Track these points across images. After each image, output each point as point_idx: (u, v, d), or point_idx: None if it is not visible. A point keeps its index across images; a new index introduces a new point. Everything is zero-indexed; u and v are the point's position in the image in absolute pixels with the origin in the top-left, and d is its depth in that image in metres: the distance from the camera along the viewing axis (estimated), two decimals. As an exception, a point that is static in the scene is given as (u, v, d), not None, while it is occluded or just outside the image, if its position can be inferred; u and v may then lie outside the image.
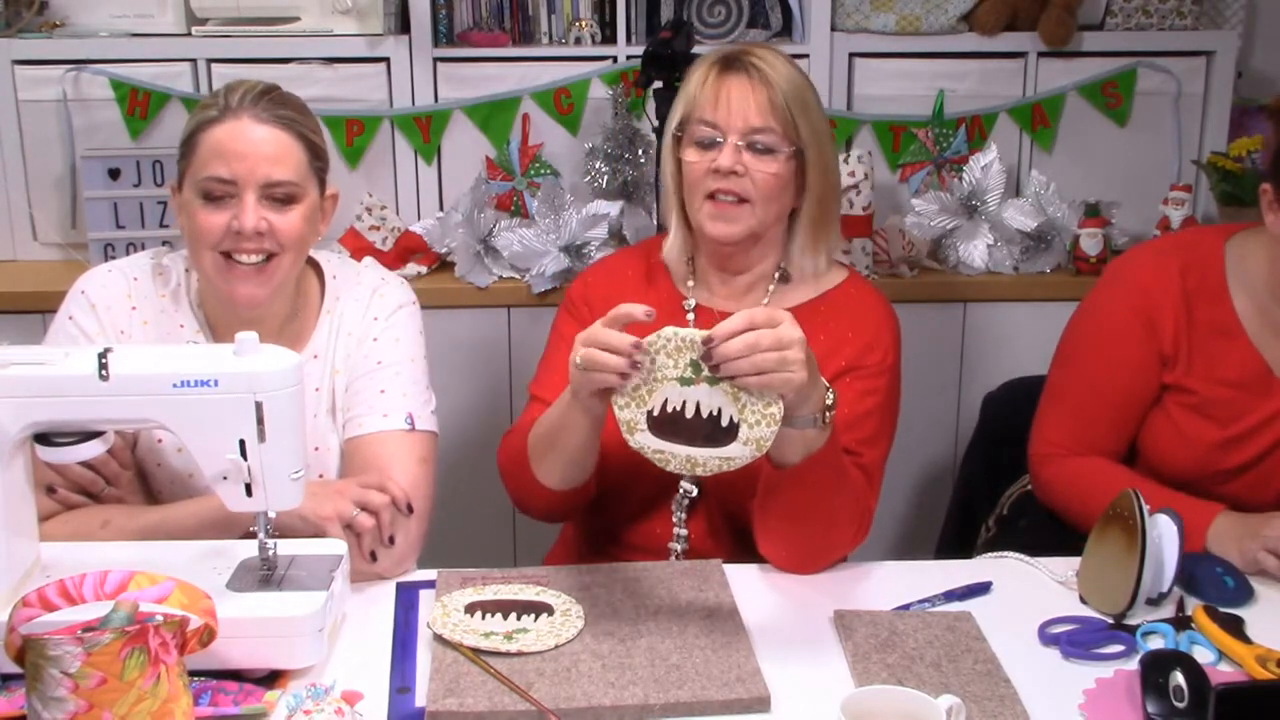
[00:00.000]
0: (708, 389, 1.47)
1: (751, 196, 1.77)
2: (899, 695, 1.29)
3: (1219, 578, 1.66)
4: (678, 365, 1.47)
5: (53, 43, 2.74)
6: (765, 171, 1.77)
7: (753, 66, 1.78)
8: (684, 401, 1.48)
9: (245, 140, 1.67)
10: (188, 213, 1.71)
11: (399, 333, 1.83)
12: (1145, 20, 2.89)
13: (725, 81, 1.78)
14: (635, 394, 1.49)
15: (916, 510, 2.89)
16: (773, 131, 1.76)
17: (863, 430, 1.79)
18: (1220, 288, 1.87)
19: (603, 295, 1.89)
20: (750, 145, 1.76)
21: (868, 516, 1.75)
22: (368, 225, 2.76)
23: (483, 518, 2.66)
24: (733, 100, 1.77)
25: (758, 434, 1.48)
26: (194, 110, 1.75)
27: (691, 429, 1.48)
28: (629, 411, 1.50)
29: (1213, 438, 1.87)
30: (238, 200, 1.67)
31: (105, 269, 1.81)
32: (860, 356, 1.81)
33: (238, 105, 1.68)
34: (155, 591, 1.28)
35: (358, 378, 1.80)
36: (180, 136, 1.73)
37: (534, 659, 1.46)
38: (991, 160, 2.80)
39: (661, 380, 1.48)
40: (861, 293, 1.89)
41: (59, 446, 1.43)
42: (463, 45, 2.84)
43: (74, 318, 1.76)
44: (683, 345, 1.47)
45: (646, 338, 1.48)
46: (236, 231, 1.67)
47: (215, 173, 1.67)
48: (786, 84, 1.78)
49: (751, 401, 1.47)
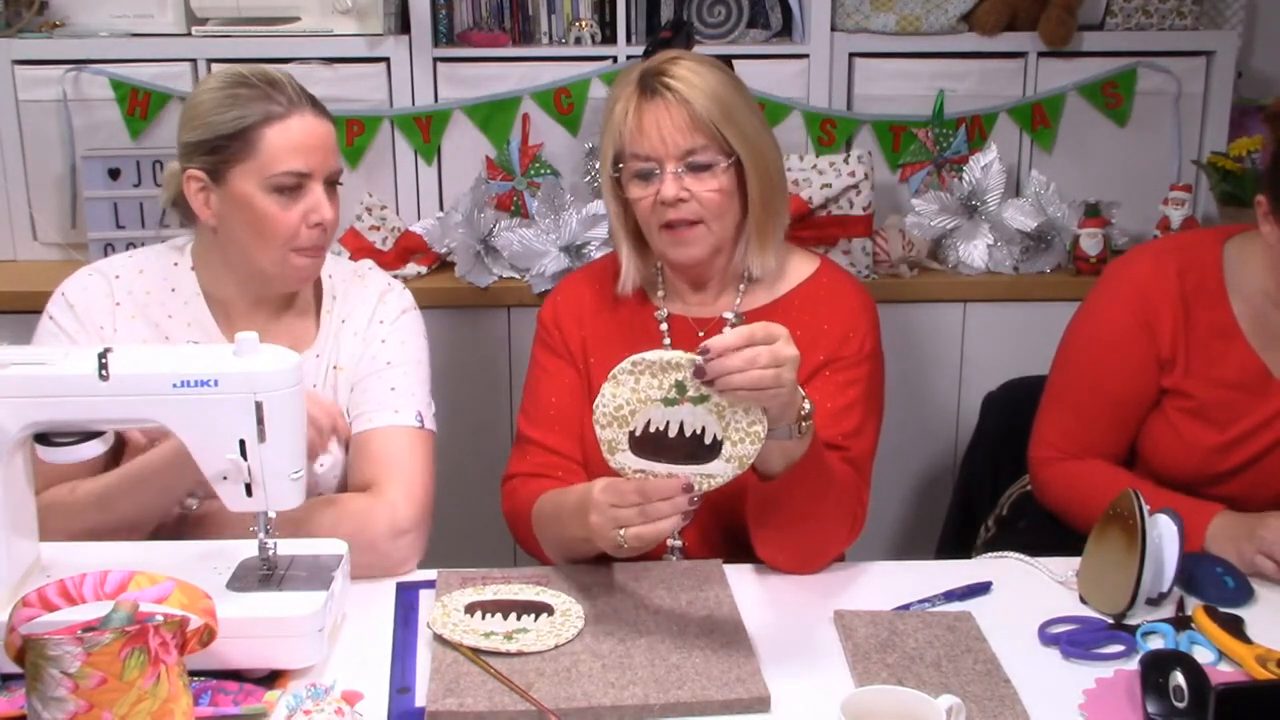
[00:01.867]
0: (691, 409, 1.45)
1: (703, 217, 1.75)
2: (899, 695, 1.29)
3: (1219, 578, 1.66)
4: (662, 386, 1.45)
5: (53, 43, 2.74)
6: (709, 190, 1.74)
7: (666, 87, 1.73)
8: (667, 421, 1.45)
9: (315, 134, 1.71)
10: (247, 207, 1.70)
11: (405, 336, 1.85)
12: (1145, 20, 2.89)
13: (645, 109, 1.74)
14: (618, 414, 1.46)
15: (916, 510, 2.89)
16: (705, 148, 1.73)
17: (848, 422, 1.78)
18: (1218, 290, 1.87)
19: (573, 315, 1.89)
20: (688, 168, 1.74)
21: (861, 510, 1.75)
22: (368, 225, 2.76)
23: (483, 518, 2.65)
24: (660, 128, 1.73)
25: (741, 451, 1.47)
26: (223, 100, 1.69)
27: (674, 448, 1.46)
28: (610, 431, 1.47)
29: (1211, 441, 1.87)
30: (307, 191, 1.71)
31: (85, 271, 1.82)
32: (838, 348, 1.80)
33: (299, 100, 1.71)
34: (155, 591, 1.28)
35: (365, 376, 1.81)
36: (216, 127, 1.69)
37: (534, 659, 1.46)
38: (991, 160, 2.80)
39: (645, 401, 1.45)
40: (834, 282, 1.87)
41: (59, 446, 1.43)
42: (463, 45, 2.84)
43: (54, 317, 1.77)
44: (668, 366, 1.44)
45: (630, 357, 1.45)
46: (316, 224, 1.71)
47: (292, 167, 1.69)
48: (705, 96, 1.72)
49: (736, 420, 1.45)
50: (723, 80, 1.77)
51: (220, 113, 1.69)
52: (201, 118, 1.71)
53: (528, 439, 1.88)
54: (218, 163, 1.70)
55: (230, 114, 1.69)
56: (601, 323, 1.88)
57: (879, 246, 2.79)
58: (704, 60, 1.79)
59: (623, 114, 1.76)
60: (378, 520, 1.68)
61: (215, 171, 1.71)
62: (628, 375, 1.45)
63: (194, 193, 1.73)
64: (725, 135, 1.73)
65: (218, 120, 1.69)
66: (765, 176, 1.78)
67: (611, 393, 1.46)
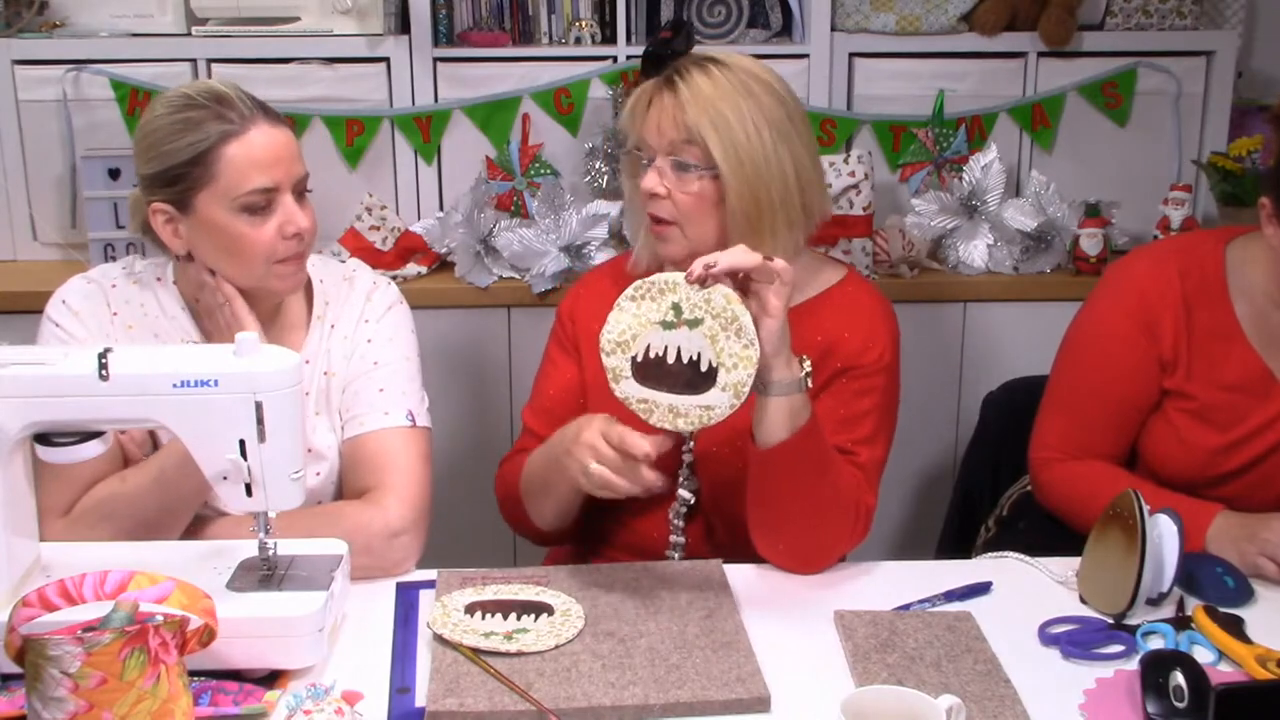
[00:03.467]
0: (688, 332, 1.52)
1: (675, 218, 1.75)
2: (899, 695, 1.29)
3: (1219, 578, 1.66)
4: (660, 308, 1.53)
5: (53, 43, 2.74)
6: (685, 192, 1.73)
7: (675, 83, 1.73)
8: (665, 346, 1.53)
9: (275, 145, 1.66)
10: (219, 232, 1.66)
11: (392, 332, 1.84)
12: (1145, 20, 2.89)
13: (654, 99, 1.75)
14: (621, 340, 1.54)
15: (916, 510, 2.89)
16: (689, 150, 1.72)
17: (860, 429, 1.78)
18: (1220, 292, 1.87)
19: (587, 310, 1.90)
20: (674, 165, 1.74)
21: (866, 514, 1.75)
22: (368, 225, 2.76)
23: (483, 518, 2.65)
24: (659, 119, 1.74)
25: (735, 378, 1.52)
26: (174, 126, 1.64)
27: (673, 375, 1.53)
28: (615, 359, 1.55)
29: (1213, 443, 1.87)
30: (278, 205, 1.66)
31: (81, 279, 1.79)
32: (856, 356, 1.81)
33: (251, 113, 1.65)
34: (155, 591, 1.28)
35: (355, 379, 1.80)
36: (173, 155, 1.63)
37: (534, 659, 1.46)
38: (991, 160, 2.80)
39: (646, 325, 1.53)
40: (858, 291, 1.87)
41: (59, 446, 1.43)
42: (463, 45, 2.84)
43: (60, 324, 1.75)
44: (665, 287, 1.53)
45: (633, 284, 1.54)
46: (293, 235, 1.67)
47: (258, 184, 1.64)
48: (702, 102, 1.70)
49: (729, 344, 1.51)
50: (737, 90, 1.71)
51: (174, 140, 1.64)
52: (156, 147, 1.65)
53: (527, 427, 1.91)
54: (181, 192, 1.65)
55: (185, 140, 1.63)
56: None
57: (879, 246, 2.79)
58: (735, 67, 1.74)
59: (635, 99, 1.78)
60: (372, 524, 1.68)
61: (180, 201, 1.66)
62: (630, 301, 1.55)
63: (161, 225, 1.69)
64: (709, 145, 1.70)
65: (173, 148, 1.64)
66: (750, 194, 1.71)
67: (615, 319, 1.56)
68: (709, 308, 1.52)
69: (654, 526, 1.83)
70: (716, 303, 1.52)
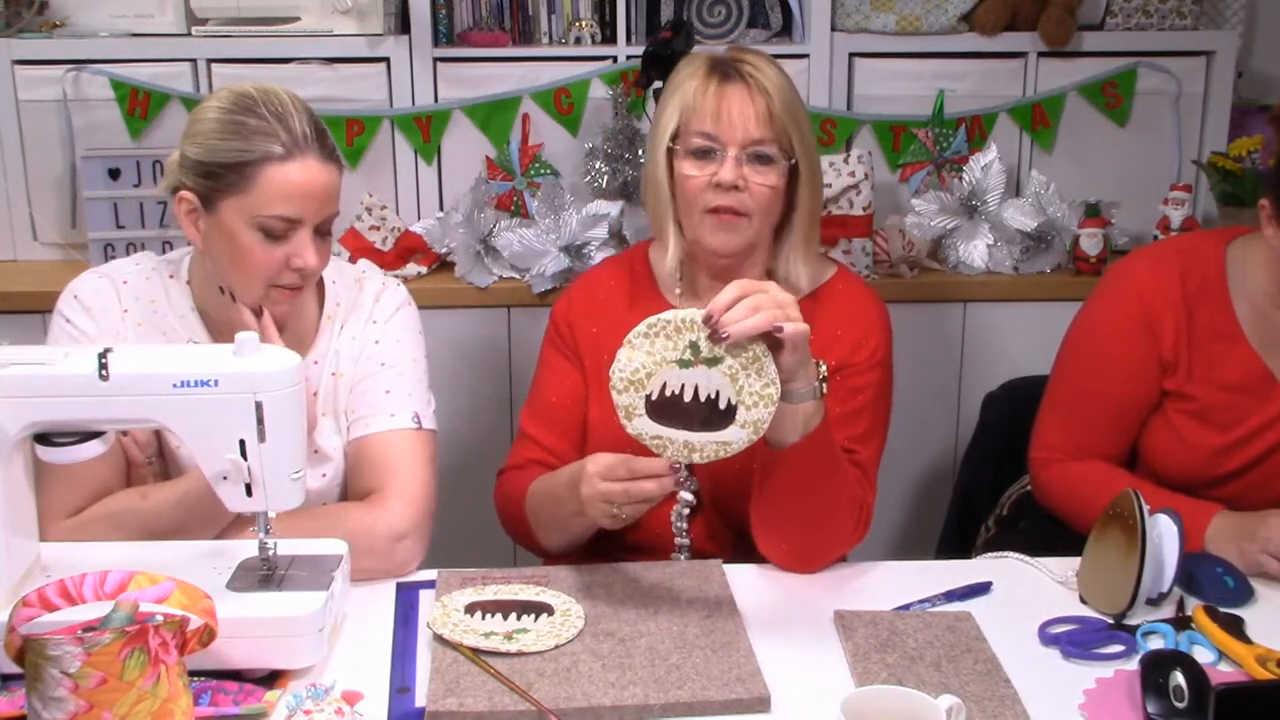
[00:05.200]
0: (706, 371, 1.49)
1: (750, 210, 1.76)
2: (899, 695, 1.29)
3: (1219, 578, 1.66)
4: (677, 347, 1.49)
5: (53, 43, 2.74)
6: (764, 184, 1.75)
7: (749, 76, 1.76)
8: (682, 385, 1.49)
9: (314, 182, 1.65)
10: (232, 240, 1.65)
11: (399, 334, 1.83)
12: (1145, 20, 2.89)
13: (724, 91, 1.76)
14: (634, 379, 1.50)
15: (916, 510, 2.89)
16: (772, 142, 1.75)
17: (856, 427, 1.79)
18: (1221, 293, 1.87)
19: (585, 312, 1.90)
20: (749, 157, 1.75)
21: (866, 512, 1.75)
22: (368, 225, 2.76)
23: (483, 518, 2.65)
24: (733, 111, 1.75)
25: (755, 416, 1.49)
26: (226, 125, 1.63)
27: (689, 413, 1.50)
28: (627, 397, 1.51)
29: (1213, 443, 1.87)
30: (295, 236, 1.66)
31: (93, 274, 1.79)
32: (850, 354, 1.81)
33: (304, 143, 1.64)
34: (155, 591, 1.28)
35: (361, 379, 1.80)
36: (215, 153, 1.63)
37: (534, 659, 1.46)
38: (991, 160, 2.80)
39: (661, 364, 1.49)
40: (850, 288, 1.88)
41: (59, 446, 1.43)
42: (463, 45, 2.84)
43: (71, 320, 1.75)
44: (682, 326, 1.49)
45: (646, 319, 1.50)
46: (298, 268, 1.67)
47: (283, 213, 1.64)
48: (781, 94, 1.76)
49: (750, 383, 1.49)
50: (791, 85, 1.80)
51: (222, 139, 1.63)
52: (202, 137, 1.65)
53: (527, 434, 1.90)
54: (211, 189, 1.65)
55: (231, 144, 1.62)
56: (616, 319, 1.87)
57: (879, 246, 2.79)
58: (773, 60, 1.81)
59: (697, 91, 1.77)
60: (375, 526, 1.68)
61: (207, 197, 1.65)
62: (643, 339, 1.50)
63: (183, 214, 1.69)
64: (792, 136, 1.76)
65: (218, 146, 1.63)
66: (815, 185, 1.81)
67: (627, 357, 1.50)
68: (729, 347, 1.49)
69: (657, 527, 1.83)
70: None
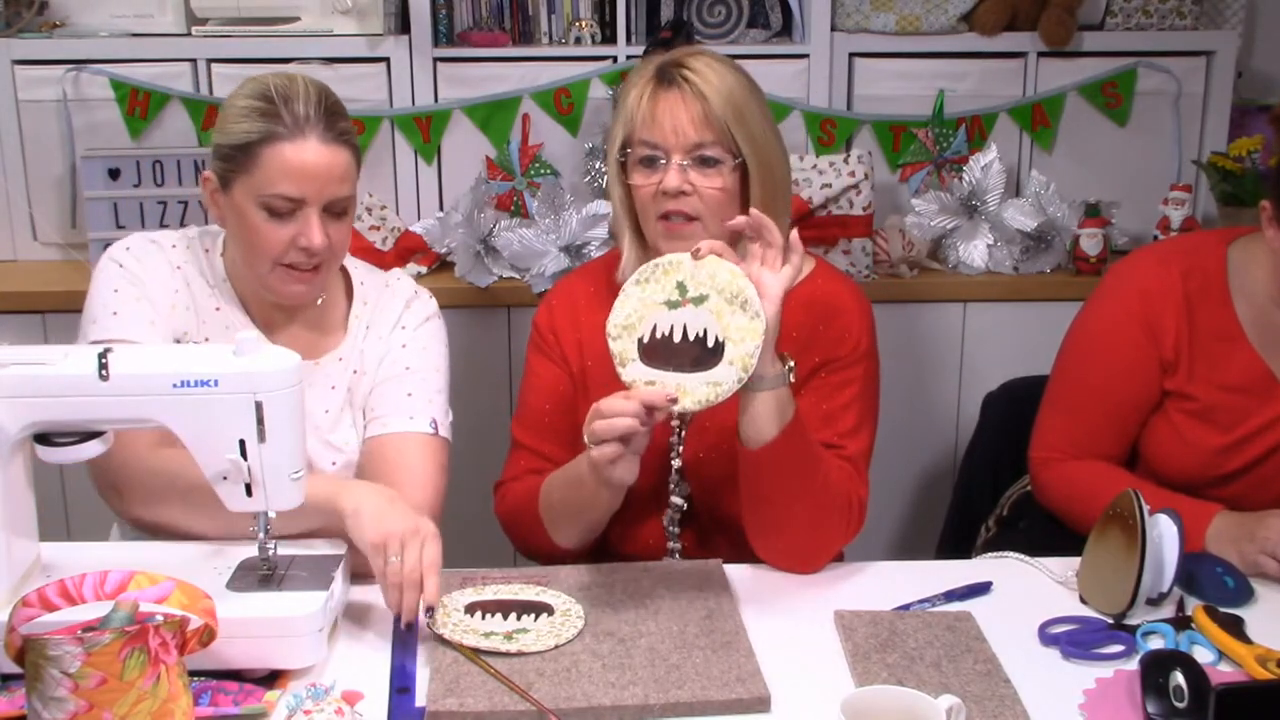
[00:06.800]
0: (693, 310, 1.54)
1: (700, 214, 1.75)
2: (899, 695, 1.29)
3: (1219, 578, 1.66)
4: (664, 288, 1.55)
5: (53, 43, 2.74)
6: (711, 187, 1.74)
7: (685, 80, 1.74)
8: (671, 325, 1.55)
9: (315, 163, 1.67)
10: (242, 219, 1.69)
11: (426, 342, 1.86)
12: (1145, 20, 2.89)
13: (660, 98, 1.75)
14: (627, 324, 1.56)
15: (916, 510, 2.89)
16: (714, 144, 1.74)
17: (844, 422, 1.78)
18: (1222, 293, 1.87)
19: (568, 317, 1.90)
20: (695, 161, 1.74)
21: (859, 508, 1.75)
22: (368, 225, 2.76)
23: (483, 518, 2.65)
24: (669, 117, 1.74)
25: (743, 350, 1.52)
26: (241, 110, 1.69)
27: (680, 354, 1.54)
28: (621, 343, 1.56)
29: (1214, 443, 1.86)
30: (301, 215, 1.68)
31: (144, 237, 1.80)
32: (832, 349, 1.80)
33: (305, 124, 1.67)
34: (155, 591, 1.28)
35: (384, 381, 1.81)
36: (229, 136, 1.69)
37: (534, 659, 1.46)
38: (991, 160, 2.80)
39: (651, 305, 1.55)
40: (829, 282, 1.87)
41: (59, 446, 1.43)
42: (463, 45, 2.84)
43: (124, 265, 1.75)
44: (669, 268, 1.55)
45: (639, 268, 1.56)
46: (303, 248, 1.69)
47: (284, 191, 1.67)
48: (721, 94, 1.73)
49: (735, 317, 1.53)
50: (739, 82, 1.77)
51: (237, 123, 1.69)
52: (224, 123, 1.71)
53: (520, 444, 1.90)
54: (226, 170, 1.70)
55: (241, 127, 1.68)
56: (597, 321, 1.87)
57: (879, 246, 2.78)
58: (724, 60, 1.79)
59: (637, 99, 1.77)
60: None
61: (225, 178, 1.71)
62: (635, 286, 1.57)
63: (209, 194, 1.74)
64: (735, 136, 1.74)
65: (232, 129, 1.69)
66: (769, 181, 1.78)
67: (621, 304, 1.58)
68: (714, 284, 1.54)
69: (651, 534, 1.83)
70: (721, 278, 1.54)
